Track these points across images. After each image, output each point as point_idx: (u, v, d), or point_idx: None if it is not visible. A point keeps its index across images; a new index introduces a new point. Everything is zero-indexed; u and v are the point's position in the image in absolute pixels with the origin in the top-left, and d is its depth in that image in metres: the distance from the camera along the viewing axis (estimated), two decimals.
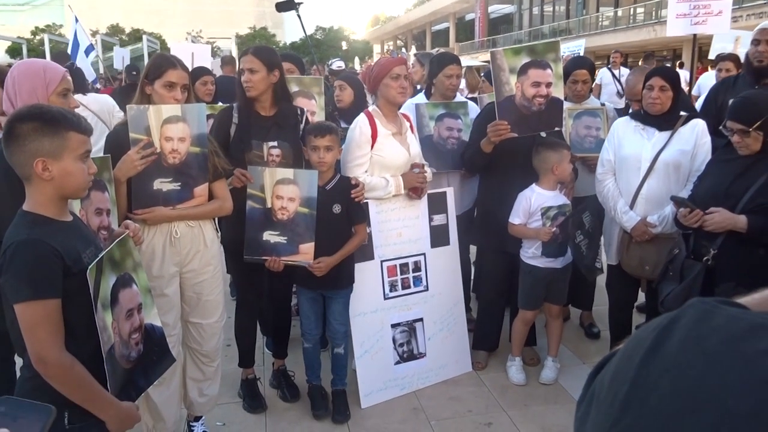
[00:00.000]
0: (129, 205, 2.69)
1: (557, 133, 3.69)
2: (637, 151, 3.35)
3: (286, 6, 6.76)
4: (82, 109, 4.45)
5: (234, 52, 13.66)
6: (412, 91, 4.45)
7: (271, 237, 3.11)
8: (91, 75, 9.28)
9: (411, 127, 3.59)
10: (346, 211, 3.20)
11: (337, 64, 7.92)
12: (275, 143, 3.19)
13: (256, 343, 3.56)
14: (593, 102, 4.30)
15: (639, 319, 4.07)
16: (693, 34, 6.26)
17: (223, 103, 4.63)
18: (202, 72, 5.20)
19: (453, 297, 3.79)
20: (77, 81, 4.81)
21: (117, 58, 13.02)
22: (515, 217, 3.55)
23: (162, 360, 2.16)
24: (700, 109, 4.15)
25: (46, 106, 1.84)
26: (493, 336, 3.96)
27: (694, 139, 3.27)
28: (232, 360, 3.66)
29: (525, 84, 3.44)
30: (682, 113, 3.35)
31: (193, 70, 4.73)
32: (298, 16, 6.55)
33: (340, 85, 4.27)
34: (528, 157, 3.53)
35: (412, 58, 6.49)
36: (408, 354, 3.63)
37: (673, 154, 3.26)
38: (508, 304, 3.98)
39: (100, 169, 2.34)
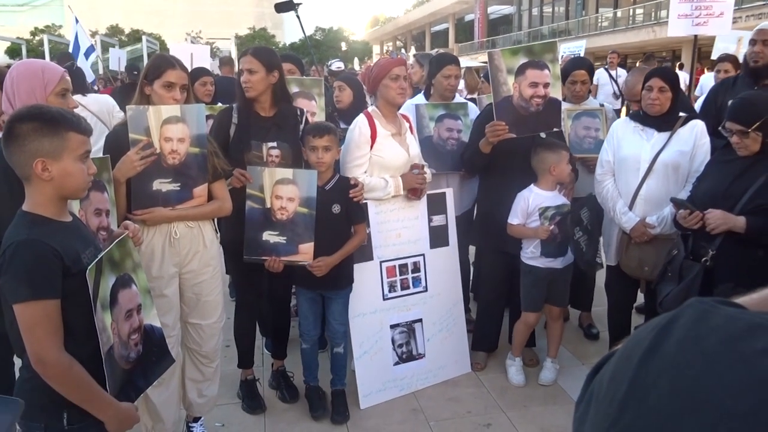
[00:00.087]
0: (128, 205, 2.69)
1: (558, 134, 3.69)
2: (636, 151, 3.35)
3: (285, 7, 6.76)
4: (81, 110, 4.45)
5: (233, 53, 13.65)
6: (411, 92, 4.45)
7: (270, 237, 3.11)
8: (90, 77, 9.26)
9: (410, 127, 3.59)
10: (346, 211, 3.20)
11: (336, 65, 7.92)
12: (274, 144, 3.19)
13: (255, 343, 3.56)
14: (592, 103, 4.30)
15: (638, 319, 4.07)
16: (694, 35, 6.26)
17: (222, 103, 4.63)
18: (201, 72, 5.20)
19: (452, 298, 3.79)
20: (78, 81, 4.82)
21: (113, 59, 13.01)
22: (514, 218, 3.55)
23: (161, 361, 2.16)
24: (700, 109, 4.15)
25: (46, 106, 1.84)
26: (493, 337, 3.96)
27: (693, 140, 3.27)
28: (231, 361, 3.66)
29: (522, 84, 3.44)
30: (681, 114, 3.36)
31: (193, 71, 4.73)
32: (297, 17, 6.55)
33: (340, 85, 4.27)
34: (527, 158, 3.53)
35: (411, 59, 6.49)
36: (407, 355, 3.63)
37: (672, 155, 3.27)
38: (508, 305, 3.99)
39: (100, 169, 2.34)
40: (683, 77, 8.58)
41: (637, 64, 10.96)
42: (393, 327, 3.58)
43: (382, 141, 3.35)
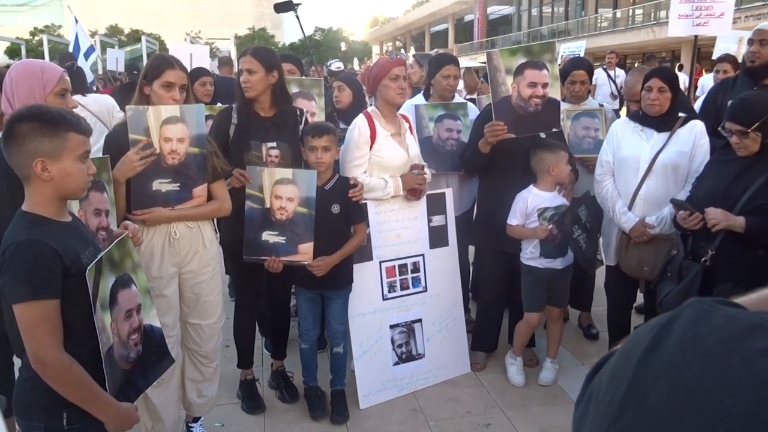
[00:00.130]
0: (128, 205, 2.69)
1: (558, 135, 3.69)
2: (635, 152, 3.35)
3: (284, 7, 6.76)
4: (81, 110, 4.45)
5: (233, 53, 13.64)
6: (411, 93, 4.45)
7: (270, 237, 3.11)
8: (90, 77, 9.25)
9: (410, 128, 3.59)
10: (345, 211, 3.20)
11: (335, 65, 7.92)
12: (274, 144, 3.19)
13: (254, 343, 3.56)
14: (591, 103, 4.30)
15: (637, 320, 4.07)
16: (694, 36, 6.26)
17: (221, 103, 4.63)
18: (200, 73, 5.21)
19: (452, 298, 3.79)
20: (78, 81, 4.82)
21: (111, 59, 12.99)
22: (512, 218, 3.55)
23: (161, 361, 2.16)
24: (699, 110, 4.16)
25: (46, 106, 1.84)
26: (492, 337, 3.96)
27: (693, 140, 3.27)
28: (230, 361, 3.66)
29: (521, 84, 3.44)
30: (681, 114, 3.36)
31: (192, 71, 4.73)
32: (297, 17, 6.54)
33: (339, 86, 4.27)
34: (527, 158, 3.53)
35: (410, 59, 6.49)
36: (407, 355, 3.63)
37: (672, 155, 3.27)
38: (508, 306, 3.99)
39: (99, 169, 2.34)
40: (683, 78, 8.58)
41: (635, 65, 10.97)
42: (393, 327, 3.58)
43: (381, 141, 3.35)
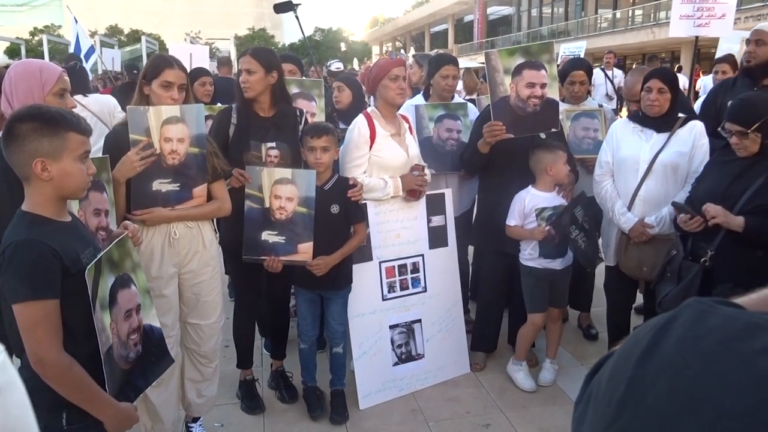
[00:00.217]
0: (128, 205, 2.69)
1: (559, 135, 3.69)
2: (635, 152, 3.35)
3: (284, 7, 6.75)
4: (81, 110, 4.45)
5: (233, 53, 13.65)
6: (411, 93, 4.46)
7: (269, 237, 3.11)
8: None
9: (410, 128, 3.59)
10: (345, 211, 3.20)
11: (335, 66, 7.93)
12: (273, 144, 3.19)
13: (254, 344, 3.56)
14: (591, 103, 4.30)
15: (637, 320, 4.07)
16: (695, 36, 6.25)
17: (220, 103, 4.63)
18: (200, 73, 5.21)
19: (451, 298, 3.79)
20: (80, 81, 4.82)
21: (107, 59, 12.99)
22: (511, 219, 3.55)
23: (160, 361, 2.16)
24: (699, 110, 4.16)
25: (46, 106, 1.84)
26: (492, 337, 3.96)
27: (692, 141, 3.27)
28: (230, 361, 3.66)
29: (519, 85, 3.45)
30: (681, 115, 3.36)
31: (192, 71, 4.73)
32: (296, 18, 6.54)
33: (339, 86, 4.27)
34: (526, 159, 3.53)
35: (410, 60, 6.49)
36: (406, 355, 3.63)
37: (671, 155, 3.27)
38: (507, 306, 3.99)
39: (99, 169, 2.34)
40: (682, 79, 8.58)
41: (633, 66, 10.96)
42: (392, 327, 3.58)
43: (381, 141, 3.35)
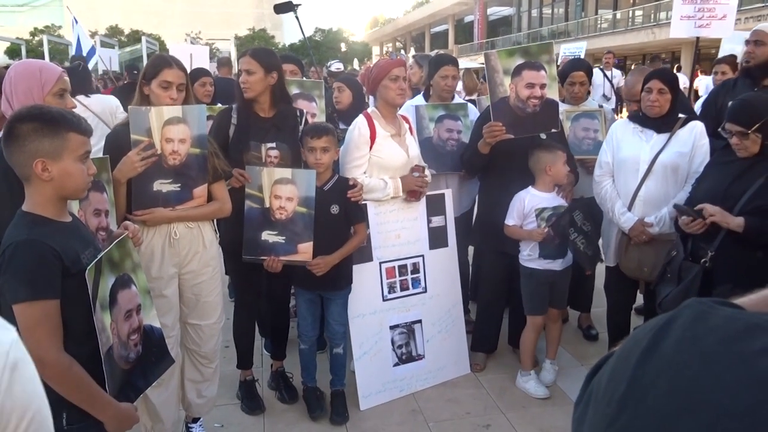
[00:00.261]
0: (129, 206, 2.69)
1: (560, 136, 3.69)
2: (635, 153, 3.35)
3: (284, 8, 6.75)
4: (83, 110, 4.45)
5: (233, 54, 13.65)
6: (411, 93, 4.46)
7: (269, 237, 3.12)
8: None
9: (410, 128, 3.59)
10: (344, 211, 3.20)
11: (335, 66, 7.93)
12: (273, 144, 3.19)
13: (254, 344, 3.56)
14: (591, 104, 4.30)
15: (637, 321, 4.07)
16: (696, 37, 6.25)
17: (220, 104, 4.63)
18: (200, 73, 5.21)
19: (451, 299, 3.79)
20: (83, 82, 4.82)
21: (104, 59, 12.97)
22: (509, 219, 3.55)
23: (161, 361, 2.16)
24: (700, 111, 4.16)
25: (46, 106, 1.84)
26: (492, 338, 3.96)
27: (692, 141, 3.27)
28: (230, 361, 3.66)
29: (519, 85, 3.45)
30: (681, 115, 3.36)
31: (192, 72, 4.73)
32: (297, 18, 6.54)
33: (339, 86, 4.27)
34: (526, 159, 3.53)
35: (410, 60, 6.49)
36: (407, 356, 3.63)
37: (672, 156, 3.27)
38: (507, 306, 3.98)
39: (99, 169, 2.34)
40: (682, 79, 8.58)
41: (632, 67, 10.96)
42: (392, 328, 3.58)
43: (381, 142, 3.35)
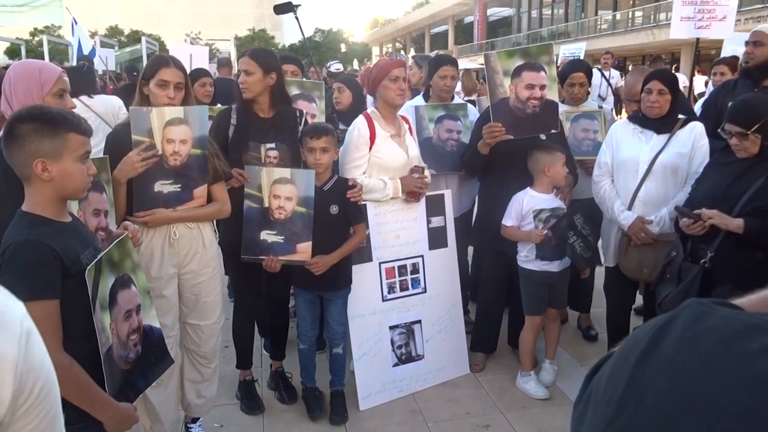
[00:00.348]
0: (129, 206, 2.69)
1: (560, 137, 3.69)
2: (635, 153, 3.35)
3: (284, 8, 6.75)
4: (85, 111, 4.45)
5: (233, 54, 13.66)
6: (411, 94, 4.46)
7: (268, 236, 3.12)
8: None
9: (410, 129, 3.59)
10: (344, 212, 3.20)
11: (335, 67, 7.94)
12: (273, 145, 3.19)
13: (254, 344, 3.56)
14: (590, 105, 4.31)
15: (637, 321, 4.07)
16: (696, 38, 6.25)
17: (220, 104, 4.64)
18: (200, 73, 5.20)
19: (451, 299, 3.79)
20: (87, 82, 4.82)
21: (102, 59, 12.96)
22: (507, 219, 3.54)
23: (160, 361, 2.16)
24: (700, 112, 4.16)
25: (47, 107, 1.84)
26: (492, 338, 3.96)
27: (692, 142, 3.27)
28: (229, 361, 3.66)
29: (518, 86, 3.45)
30: (681, 116, 3.36)
31: (192, 72, 4.74)
32: (297, 19, 6.54)
33: (339, 87, 4.28)
34: (526, 160, 3.54)
35: (410, 61, 6.50)
36: (406, 356, 3.63)
37: (671, 156, 3.27)
38: (507, 306, 3.99)
39: (98, 170, 2.34)
40: (682, 80, 8.58)
41: (630, 68, 10.96)
42: (392, 328, 3.58)
43: (381, 142, 3.35)
